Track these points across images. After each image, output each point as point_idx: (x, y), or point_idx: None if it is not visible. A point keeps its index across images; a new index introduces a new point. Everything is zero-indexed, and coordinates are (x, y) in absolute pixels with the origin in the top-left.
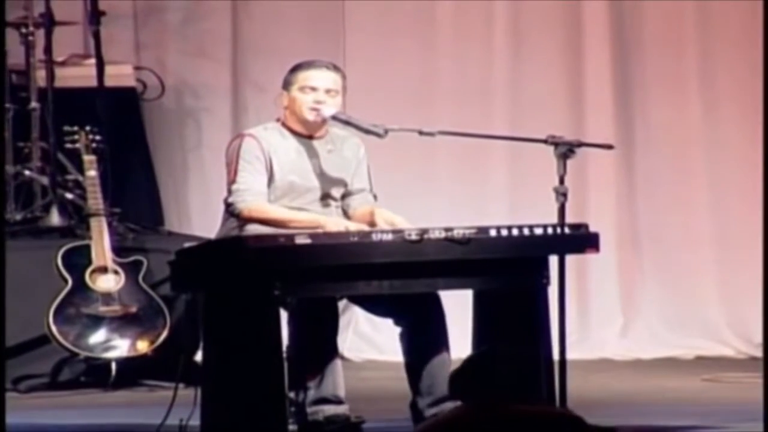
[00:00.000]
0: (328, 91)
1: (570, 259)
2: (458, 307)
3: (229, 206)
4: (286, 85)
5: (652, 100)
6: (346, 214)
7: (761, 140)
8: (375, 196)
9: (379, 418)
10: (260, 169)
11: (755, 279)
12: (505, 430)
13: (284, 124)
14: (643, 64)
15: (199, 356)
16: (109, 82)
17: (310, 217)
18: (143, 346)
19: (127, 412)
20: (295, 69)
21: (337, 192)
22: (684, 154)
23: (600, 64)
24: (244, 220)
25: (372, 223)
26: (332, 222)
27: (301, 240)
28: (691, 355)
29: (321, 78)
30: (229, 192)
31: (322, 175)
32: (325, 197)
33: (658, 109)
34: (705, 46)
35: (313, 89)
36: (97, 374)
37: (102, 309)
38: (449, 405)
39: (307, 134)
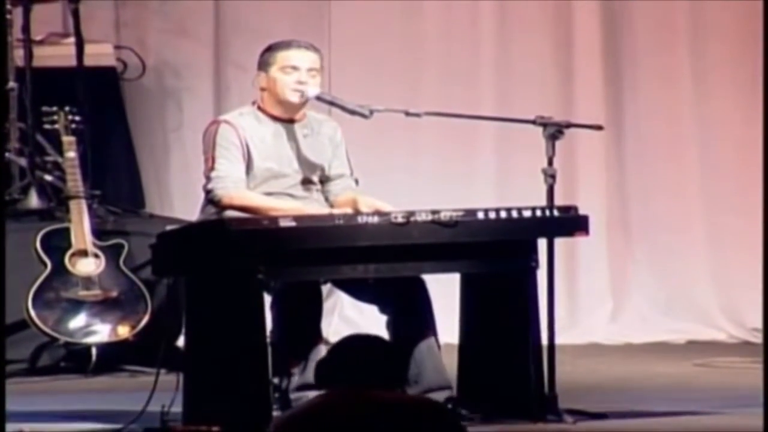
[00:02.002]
0: (309, 71)
1: (559, 242)
2: (445, 292)
3: (208, 193)
4: (264, 65)
5: (642, 78)
6: (327, 201)
7: (755, 120)
8: (356, 181)
9: None
10: (238, 155)
11: (748, 262)
12: (365, 417)
13: (260, 108)
14: (633, 42)
15: (181, 341)
16: (88, 62)
17: (292, 205)
18: (124, 331)
19: (107, 398)
20: (273, 49)
21: (316, 176)
22: (675, 133)
23: (590, 42)
24: (224, 207)
25: (355, 211)
26: (315, 210)
27: (285, 223)
28: (682, 340)
29: (302, 58)
30: (208, 179)
31: (300, 160)
32: (306, 182)
33: (649, 86)
34: (696, 23)
35: (295, 69)
36: (77, 360)
37: (82, 293)
38: (441, 394)
39: (284, 117)
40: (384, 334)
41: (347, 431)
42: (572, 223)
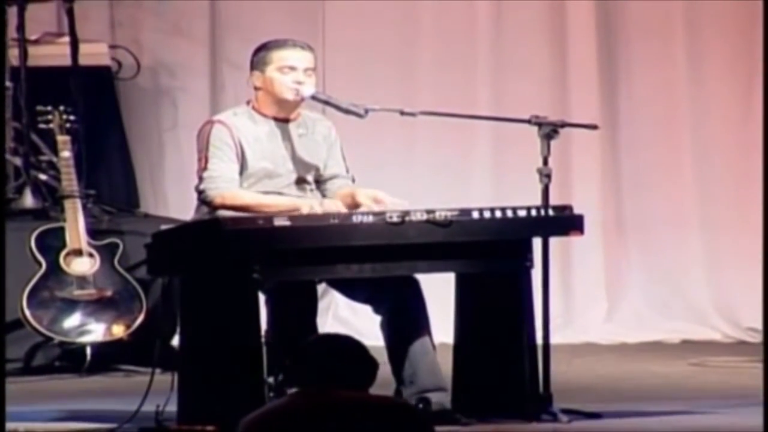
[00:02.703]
0: (306, 71)
1: (554, 241)
2: (440, 292)
3: (201, 194)
4: (260, 65)
5: (638, 77)
6: (325, 198)
7: (751, 119)
8: (353, 179)
9: None
10: (231, 156)
11: (743, 262)
12: (332, 417)
13: (255, 107)
14: (628, 42)
15: (176, 341)
16: (83, 61)
17: (286, 201)
18: (119, 331)
19: (102, 397)
20: (268, 49)
21: (311, 176)
22: (671, 133)
23: (585, 41)
24: (217, 207)
25: (356, 205)
26: (307, 204)
27: (280, 222)
28: (677, 339)
29: (300, 58)
30: (201, 179)
31: (295, 159)
32: (300, 181)
33: (644, 85)
34: (692, 22)
35: (293, 69)
36: (71, 359)
37: (77, 293)
38: (435, 395)
39: (280, 117)
40: (378, 334)
41: (313, 431)
42: (567, 222)
